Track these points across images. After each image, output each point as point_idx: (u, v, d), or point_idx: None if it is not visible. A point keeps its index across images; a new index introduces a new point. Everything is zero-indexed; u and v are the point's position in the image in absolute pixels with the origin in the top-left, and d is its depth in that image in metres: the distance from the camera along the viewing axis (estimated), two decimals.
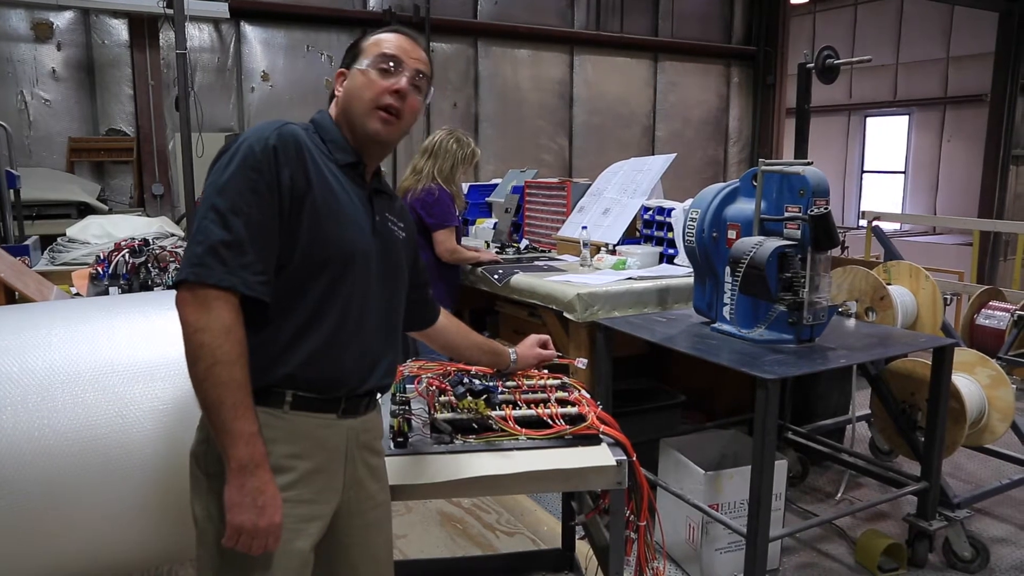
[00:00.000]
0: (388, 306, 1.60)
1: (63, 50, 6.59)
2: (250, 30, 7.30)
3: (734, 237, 2.77)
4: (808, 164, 2.65)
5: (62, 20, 6.56)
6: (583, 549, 2.49)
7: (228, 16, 6.80)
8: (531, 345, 2.13)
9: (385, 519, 1.66)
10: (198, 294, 1.33)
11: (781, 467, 2.87)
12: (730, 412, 3.72)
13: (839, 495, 3.56)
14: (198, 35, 7.02)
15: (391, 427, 1.89)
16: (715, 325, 2.90)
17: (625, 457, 1.82)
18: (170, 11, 5.11)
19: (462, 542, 3.09)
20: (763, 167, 2.69)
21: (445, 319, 1.99)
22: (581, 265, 3.81)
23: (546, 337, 2.19)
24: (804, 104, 3.51)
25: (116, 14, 6.68)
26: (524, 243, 4.58)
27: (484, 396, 1.86)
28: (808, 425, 3.70)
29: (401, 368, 2.21)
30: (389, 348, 1.62)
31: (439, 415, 1.87)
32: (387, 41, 1.57)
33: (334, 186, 1.49)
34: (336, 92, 1.60)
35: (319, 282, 1.46)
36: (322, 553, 1.53)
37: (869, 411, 3.50)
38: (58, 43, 6.57)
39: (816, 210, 2.53)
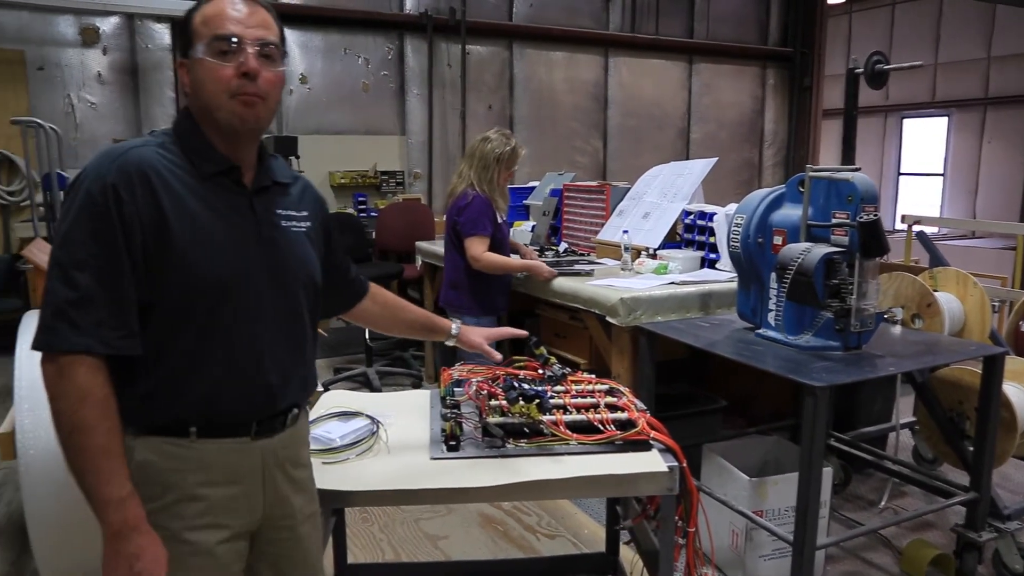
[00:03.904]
0: (289, 318, 1.49)
1: (108, 54, 6.74)
2: (288, 33, 7.27)
3: (780, 243, 2.75)
4: (856, 170, 2.63)
5: (108, 25, 6.71)
6: (627, 554, 2.49)
7: None
8: (479, 333, 2.10)
9: (315, 530, 1.62)
10: (53, 361, 1.27)
11: (828, 475, 2.85)
12: (770, 418, 3.70)
13: (883, 503, 3.52)
14: None
15: (443, 430, 1.91)
16: (760, 331, 2.88)
17: (676, 463, 1.82)
18: None
19: (503, 544, 3.11)
20: (810, 173, 2.68)
21: (369, 301, 1.89)
22: (622, 269, 3.81)
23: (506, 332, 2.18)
24: (852, 110, 3.47)
25: (159, 19, 6.82)
26: (563, 246, 4.59)
27: (536, 401, 1.87)
28: (851, 432, 3.66)
29: (450, 371, 2.22)
30: (297, 361, 1.52)
31: (491, 419, 1.88)
32: (218, 16, 1.37)
33: (196, 210, 1.36)
34: (185, 90, 1.43)
35: (195, 317, 1.36)
36: (250, 572, 1.51)
37: (912, 418, 3.46)
38: (104, 47, 6.72)
39: (866, 216, 2.51)
